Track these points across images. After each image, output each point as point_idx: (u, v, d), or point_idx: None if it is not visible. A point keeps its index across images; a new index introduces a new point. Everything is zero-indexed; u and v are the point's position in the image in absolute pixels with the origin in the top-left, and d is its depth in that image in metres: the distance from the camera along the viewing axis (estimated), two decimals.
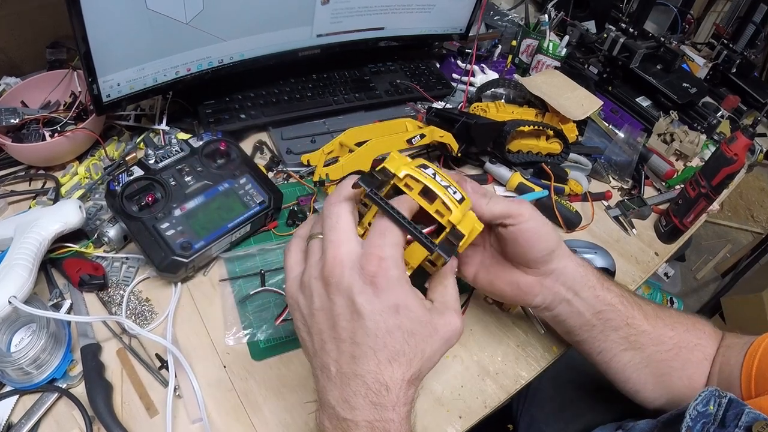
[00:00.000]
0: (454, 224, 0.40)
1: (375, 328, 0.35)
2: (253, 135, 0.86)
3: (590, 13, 1.28)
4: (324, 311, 0.37)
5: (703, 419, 0.47)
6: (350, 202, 0.39)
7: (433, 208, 0.40)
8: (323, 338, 0.37)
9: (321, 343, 0.37)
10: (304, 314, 0.38)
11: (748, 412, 0.46)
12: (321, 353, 0.38)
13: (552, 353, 0.66)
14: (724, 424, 0.46)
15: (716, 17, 1.44)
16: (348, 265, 0.35)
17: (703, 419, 0.47)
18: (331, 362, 0.37)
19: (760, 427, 0.45)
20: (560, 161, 0.90)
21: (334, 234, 0.37)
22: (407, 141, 0.78)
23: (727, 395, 0.47)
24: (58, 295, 0.62)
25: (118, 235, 0.66)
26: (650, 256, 0.83)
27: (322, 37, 0.88)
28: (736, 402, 0.47)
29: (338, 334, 0.36)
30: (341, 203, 0.38)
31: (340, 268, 0.35)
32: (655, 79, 1.05)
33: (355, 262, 0.36)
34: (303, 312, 0.39)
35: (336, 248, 0.36)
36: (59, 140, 0.72)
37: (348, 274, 0.35)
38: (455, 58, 1.11)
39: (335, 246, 0.36)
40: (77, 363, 0.56)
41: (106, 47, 0.65)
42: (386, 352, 0.35)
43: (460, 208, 0.40)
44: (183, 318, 0.62)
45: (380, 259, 0.35)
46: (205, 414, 0.53)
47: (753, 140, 0.72)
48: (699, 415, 0.47)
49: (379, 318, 0.35)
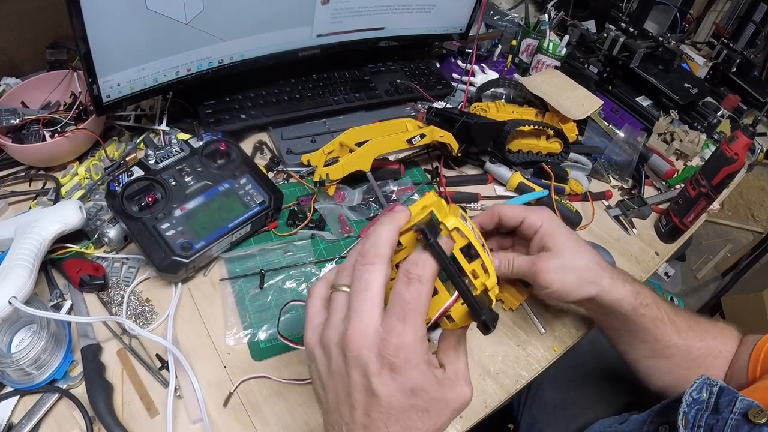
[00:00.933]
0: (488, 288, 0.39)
1: (389, 407, 0.34)
2: (253, 135, 0.86)
3: (590, 13, 1.28)
4: (341, 377, 0.36)
5: (696, 405, 0.49)
6: (387, 265, 0.36)
7: (470, 268, 0.39)
8: (338, 400, 0.37)
9: (336, 404, 0.37)
10: (321, 371, 0.38)
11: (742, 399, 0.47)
12: (334, 413, 0.37)
13: (552, 353, 0.66)
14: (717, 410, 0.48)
15: (716, 17, 1.44)
16: (367, 345, 0.34)
17: (696, 405, 0.49)
18: (344, 425, 0.36)
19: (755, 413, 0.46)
20: (560, 161, 0.90)
21: (360, 301, 0.35)
22: (407, 141, 0.78)
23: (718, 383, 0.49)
24: (58, 295, 0.62)
25: (118, 235, 0.66)
26: (650, 256, 0.83)
27: (322, 37, 0.88)
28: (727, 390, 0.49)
29: (353, 402, 0.35)
30: (377, 267, 0.36)
31: (359, 343, 0.34)
32: (655, 78, 1.05)
33: (374, 342, 0.34)
34: (320, 369, 0.38)
35: (359, 320, 0.35)
36: (59, 141, 0.72)
37: (366, 354, 0.34)
38: (455, 58, 1.11)
39: (359, 317, 0.35)
40: (78, 363, 0.56)
41: (106, 47, 0.65)
42: (398, 427, 0.35)
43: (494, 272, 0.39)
44: (183, 318, 0.62)
45: (398, 349, 0.34)
46: (206, 414, 0.53)
47: (753, 139, 0.72)
48: (693, 401, 0.49)
49: (394, 399, 0.34)
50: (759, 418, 0.46)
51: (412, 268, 0.35)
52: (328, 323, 0.37)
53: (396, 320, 0.34)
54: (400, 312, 0.34)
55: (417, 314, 0.35)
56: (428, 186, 0.83)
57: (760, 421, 0.46)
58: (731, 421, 0.47)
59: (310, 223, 0.74)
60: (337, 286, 0.38)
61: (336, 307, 0.37)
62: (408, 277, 0.35)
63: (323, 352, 0.37)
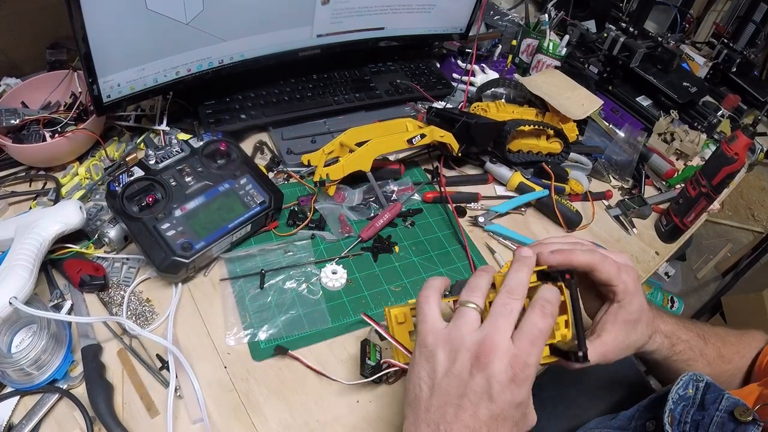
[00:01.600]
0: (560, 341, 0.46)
1: (499, 413, 0.39)
2: (253, 135, 0.86)
3: (590, 13, 1.28)
4: (459, 380, 0.40)
5: (683, 402, 0.50)
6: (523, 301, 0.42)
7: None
8: (446, 400, 0.40)
9: (441, 404, 0.40)
10: (438, 371, 0.41)
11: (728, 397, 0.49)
12: (436, 412, 0.40)
13: None
14: (703, 407, 0.50)
15: (716, 16, 1.44)
16: (500, 355, 0.39)
17: (683, 402, 0.50)
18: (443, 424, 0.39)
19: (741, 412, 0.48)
20: (561, 161, 0.90)
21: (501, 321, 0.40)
22: (407, 141, 0.78)
23: (704, 379, 0.51)
24: (58, 295, 0.62)
25: (118, 235, 0.66)
26: (651, 256, 0.83)
27: (323, 37, 0.88)
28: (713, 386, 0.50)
29: (463, 404, 0.39)
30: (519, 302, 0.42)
31: (494, 353, 0.39)
32: (655, 78, 1.05)
33: (506, 354, 0.39)
34: (437, 369, 0.41)
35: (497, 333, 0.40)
36: (60, 141, 0.72)
37: (497, 363, 0.39)
38: (455, 58, 1.11)
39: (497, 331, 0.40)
40: (78, 364, 0.56)
41: (106, 48, 0.65)
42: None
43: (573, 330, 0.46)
44: (184, 318, 0.62)
45: (525, 365, 0.39)
46: (206, 414, 0.53)
47: (753, 139, 0.72)
48: (680, 398, 0.51)
49: (505, 406, 0.39)
50: (745, 416, 0.47)
51: (547, 304, 0.42)
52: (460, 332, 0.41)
53: (527, 342, 0.40)
54: (532, 337, 0.40)
55: (543, 342, 0.41)
56: (428, 186, 0.83)
57: (746, 419, 0.47)
58: (717, 419, 0.49)
59: (311, 223, 0.74)
60: (467, 302, 0.43)
61: (467, 320, 0.41)
62: (543, 311, 0.41)
63: (447, 353, 0.41)
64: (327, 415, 0.56)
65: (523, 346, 0.40)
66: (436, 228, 0.78)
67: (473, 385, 0.39)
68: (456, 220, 0.79)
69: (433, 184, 0.84)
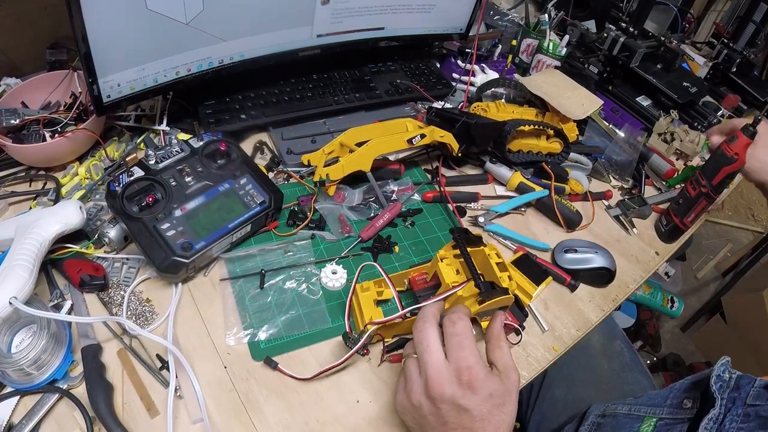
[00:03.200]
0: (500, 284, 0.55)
1: (479, 415, 0.44)
2: (253, 135, 0.86)
3: (590, 13, 1.28)
4: (435, 416, 0.45)
5: (720, 382, 0.57)
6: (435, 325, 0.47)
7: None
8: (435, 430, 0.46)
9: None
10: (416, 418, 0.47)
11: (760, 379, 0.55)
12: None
13: (553, 353, 0.66)
14: (738, 388, 0.57)
15: (716, 16, 1.44)
16: (445, 382, 0.44)
17: (720, 382, 0.57)
18: None
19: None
20: (561, 161, 0.90)
21: (427, 356, 0.46)
22: (407, 141, 0.78)
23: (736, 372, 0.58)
24: (58, 295, 0.62)
25: (118, 235, 0.66)
26: (651, 256, 0.83)
27: (323, 37, 0.88)
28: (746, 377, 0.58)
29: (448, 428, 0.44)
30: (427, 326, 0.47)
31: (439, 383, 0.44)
32: (655, 78, 1.05)
33: (450, 376, 0.44)
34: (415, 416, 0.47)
35: (431, 367, 0.45)
36: (59, 141, 0.72)
37: (447, 387, 0.44)
38: (455, 58, 1.11)
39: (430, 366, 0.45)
40: (78, 364, 0.56)
41: (106, 48, 0.65)
42: (491, 427, 0.44)
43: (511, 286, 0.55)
44: (184, 318, 0.62)
45: (469, 369, 0.44)
46: (206, 414, 0.53)
47: (753, 139, 0.72)
48: (718, 378, 0.58)
49: (481, 406, 0.44)
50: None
51: (452, 314, 0.48)
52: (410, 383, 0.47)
53: (456, 350, 0.45)
54: (456, 344, 0.45)
55: (468, 339, 0.46)
56: (428, 186, 0.83)
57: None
58: (753, 392, 0.55)
59: (311, 223, 0.74)
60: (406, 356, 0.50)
61: (411, 370, 0.47)
62: (451, 320, 0.47)
63: (413, 407, 0.46)
64: (327, 415, 0.56)
65: (456, 357, 0.45)
66: (436, 228, 0.78)
67: (445, 413, 0.44)
68: (458, 219, 0.79)
69: (433, 184, 0.84)
